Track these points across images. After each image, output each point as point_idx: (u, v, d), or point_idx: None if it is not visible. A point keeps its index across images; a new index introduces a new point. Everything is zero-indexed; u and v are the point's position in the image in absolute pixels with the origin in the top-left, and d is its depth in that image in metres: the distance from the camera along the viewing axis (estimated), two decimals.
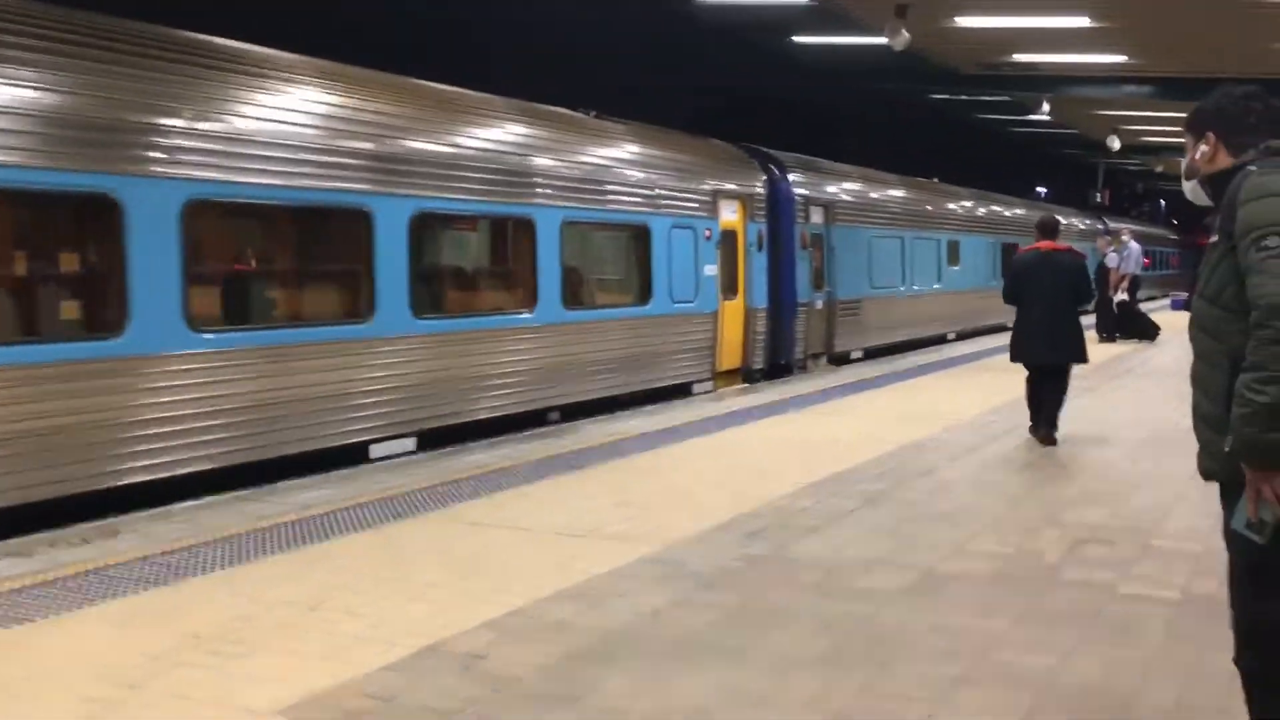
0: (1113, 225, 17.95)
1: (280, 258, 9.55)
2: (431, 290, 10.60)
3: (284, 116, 8.78)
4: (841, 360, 18.12)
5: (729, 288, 15.14)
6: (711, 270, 14.46)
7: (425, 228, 10.21)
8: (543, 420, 11.57)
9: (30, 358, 6.98)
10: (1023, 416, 10.11)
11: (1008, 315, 10.29)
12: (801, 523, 6.90)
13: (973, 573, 5.84)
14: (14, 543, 6.29)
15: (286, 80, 9.07)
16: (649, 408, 12.28)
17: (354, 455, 9.26)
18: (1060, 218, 12.23)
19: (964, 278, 24.24)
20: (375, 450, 9.49)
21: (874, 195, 20.55)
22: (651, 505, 7.39)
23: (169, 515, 7.08)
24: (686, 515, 7.08)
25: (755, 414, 11.68)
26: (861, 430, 10.51)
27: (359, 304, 9.51)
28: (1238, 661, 3.21)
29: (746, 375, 15.51)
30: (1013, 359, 10.05)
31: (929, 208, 23.23)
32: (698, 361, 14.24)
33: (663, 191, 13.66)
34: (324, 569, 5.88)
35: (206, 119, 8.14)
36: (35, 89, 7.06)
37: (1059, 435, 9.70)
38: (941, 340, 22.60)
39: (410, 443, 9.83)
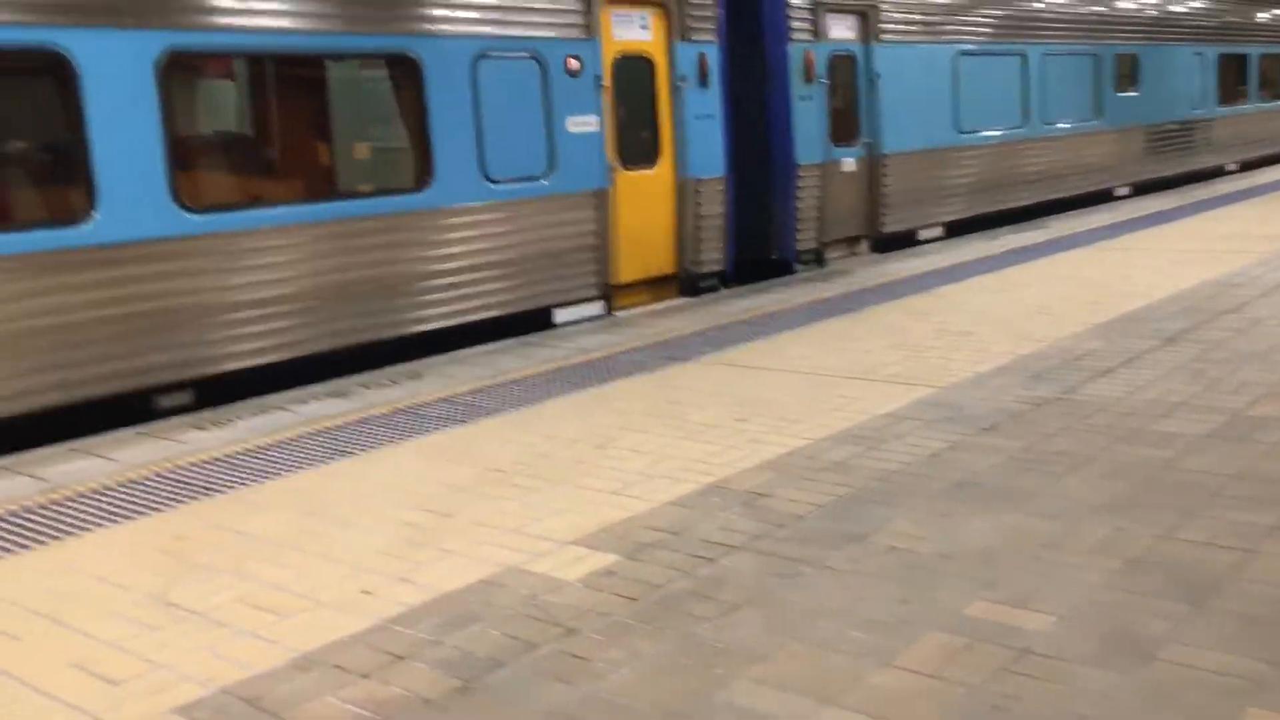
0: None
1: None
2: None
3: None
4: (900, 244, 12.45)
5: (640, 148, 9.70)
6: (585, 124, 9.01)
7: None
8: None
9: None
10: None
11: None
12: (1091, 364, 6.59)
13: None
14: (333, 384, 6.91)
15: None
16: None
17: None
18: None
19: (1146, 107, 17.17)
20: None
21: None
22: (927, 347, 7.24)
23: (465, 359, 7.56)
24: (965, 357, 6.91)
25: (1036, 251, 11.12)
26: (1158, 267, 9.83)
27: None
28: None
29: (687, 284, 10.07)
30: None
31: (1079, 7, 15.69)
32: (565, 274, 8.96)
33: None
34: (608, 409, 6.14)
35: None
36: None
37: None
38: (1107, 197, 16.41)
39: None
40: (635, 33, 9.59)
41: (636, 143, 9.62)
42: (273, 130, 7.89)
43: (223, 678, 3.34)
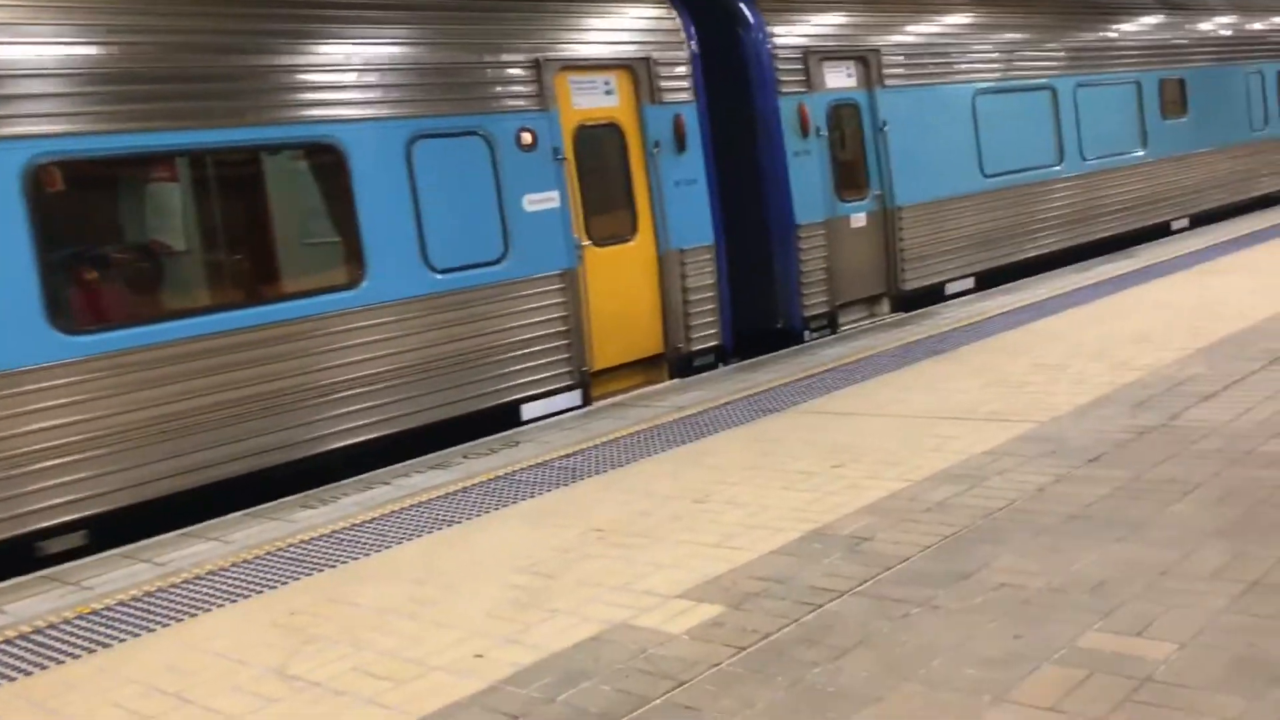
0: None
1: None
2: None
3: None
4: (927, 301, 11.24)
5: (613, 221, 8.86)
6: (545, 202, 8.17)
7: None
8: None
9: None
10: None
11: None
12: (1195, 389, 6.43)
13: None
14: (434, 456, 7.05)
15: None
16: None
17: None
18: None
19: (1199, 133, 15.66)
20: None
21: (975, 29, 12.43)
22: (1025, 382, 7.14)
23: (561, 424, 7.66)
24: (1064, 390, 6.79)
25: (1130, 279, 10.92)
26: (1259, 288, 9.58)
27: None
28: None
29: (679, 364, 9.16)
30: None
31: (1113, 33, 14.58)
32: (531, 365, 8.11)
33: (369, 73, 7.38)
34: (704, 464, 6.16)
35: None
36: None
37: None
38: (1164, 231, 14.89)
39: None
40: (599, 99, 8.74)
41: (608, 217, 8.79)
42: (158, 235, 7.09)
43: None
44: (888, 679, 3.40)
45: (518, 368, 8.03)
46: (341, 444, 7.14)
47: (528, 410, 8.10)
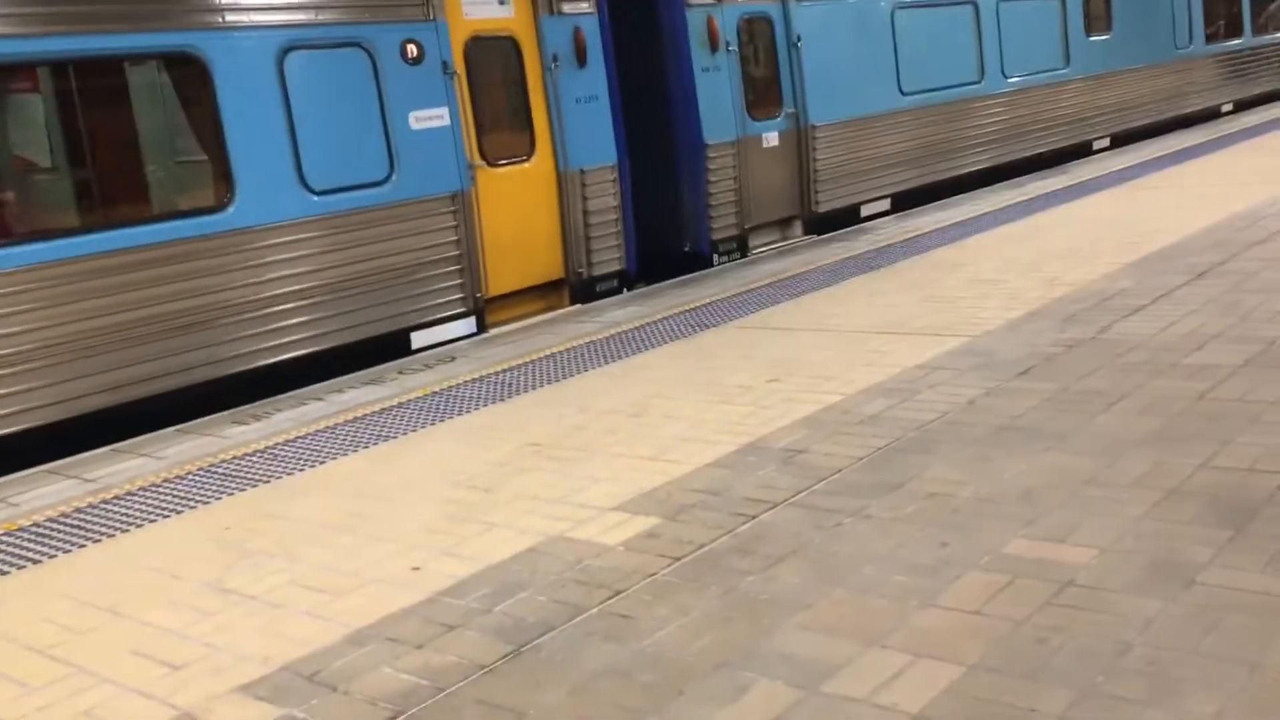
0: None
1: None
2: None
3: None
4: (841, 223, 11.11)
5: (510, 140, 8.53)
6: (433, 119, 7.80)
7: None
8: None
9: None
10: None
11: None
12: (1123, 303, 6.56)
13: None
14: (369, 372, 6.99)
15: None
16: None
17: None
18: None
19: (1123, 51, 15.46)
20: None
21: None
22: (958, 297, 7.23)
23: (496, 340, 7.63)
24: (996, 305, 6.89)
25: (1062, 196, 11.04)
26: (1185, 204, 9.74)
27: None
28: None
29: (581, 289, 8.90)
30: None
31: None
32: (420, 291, 7.78)
33: None
34: (641, 379, 6.18)
35: None
36: None
37: None
38: (1085, 151, 14.91)
39: None
40: (492, 9, 8.32)
41: (503, 135, 8.46)
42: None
43: (281, 656, 3.42)
44: (819, 586, 3.48)
45: (405, 295, 7.69)
46: (208, 377, 6.76)
47: (417, 338, 7.80)
